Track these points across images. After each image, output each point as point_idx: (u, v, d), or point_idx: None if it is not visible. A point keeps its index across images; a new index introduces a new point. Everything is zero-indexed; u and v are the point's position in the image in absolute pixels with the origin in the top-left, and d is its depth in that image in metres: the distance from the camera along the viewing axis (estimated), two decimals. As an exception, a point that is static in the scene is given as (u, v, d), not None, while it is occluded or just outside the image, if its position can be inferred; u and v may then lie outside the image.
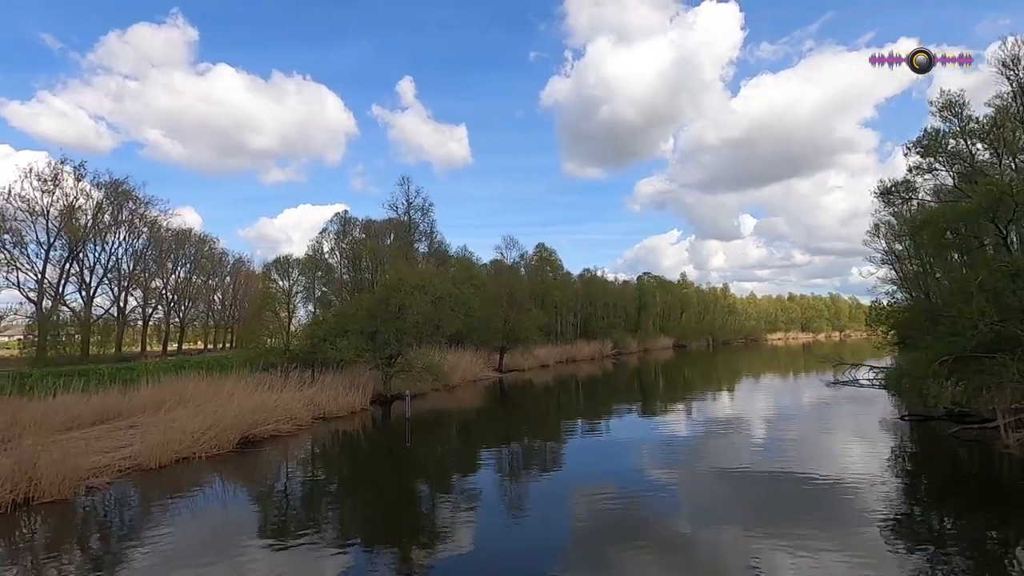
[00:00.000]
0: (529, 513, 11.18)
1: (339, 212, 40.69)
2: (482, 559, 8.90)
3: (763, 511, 10.81)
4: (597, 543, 9.20)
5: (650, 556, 8.76)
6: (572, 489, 12.61)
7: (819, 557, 8.53)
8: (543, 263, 62.74)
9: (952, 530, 9.95)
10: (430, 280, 23.64)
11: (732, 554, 8.96)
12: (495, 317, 40.67)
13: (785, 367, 55.90)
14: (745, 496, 11.83)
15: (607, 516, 10.62)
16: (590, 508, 11.31)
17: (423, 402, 26.78)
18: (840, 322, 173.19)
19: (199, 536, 10.08)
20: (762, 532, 9.60)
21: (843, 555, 8.58)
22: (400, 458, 17.08)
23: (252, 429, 16.91)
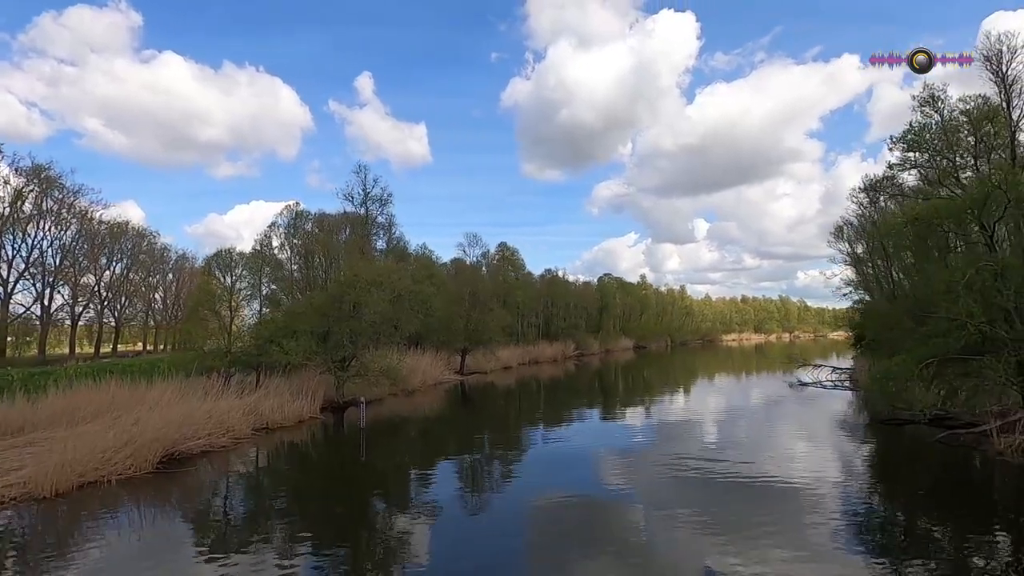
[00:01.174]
0: (488, 524, 10.68)
1: (290, 205, 38.01)
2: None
3: (744, 523, 10.03)
4: (556, 550, 9.06)
5: (609, 559, 8.61)
6: (532, 496, 12.16)
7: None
8: (505, 262, 61.33)
9: (963, 550, 8.98)
10: (388, 276, 21.73)
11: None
12: (456, 317, 38.92)
13: (745, 368, 56.34)
14: (722, 505, 11.12)
15: (567, 523, 10.36)
16: (550, 515, 10.98)
17: (380, 408, 24.81)
18: (790, 323, 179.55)
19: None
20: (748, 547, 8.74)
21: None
22: (354, 472, 15.26)
23: (179, 444, 14.63)
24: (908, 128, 17.34)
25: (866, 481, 13.52)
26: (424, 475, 14.90)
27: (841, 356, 53.12)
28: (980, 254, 16.17)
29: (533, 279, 67.92)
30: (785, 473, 13.47)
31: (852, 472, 14.22)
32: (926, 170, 17.26)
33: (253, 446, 17.03)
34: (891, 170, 18.64)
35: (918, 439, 17.38)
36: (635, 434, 19.44)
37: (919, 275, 17.46)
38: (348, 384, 23.24)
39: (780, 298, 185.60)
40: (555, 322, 66.39)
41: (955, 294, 15.35)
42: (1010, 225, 15.49)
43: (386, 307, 22.65)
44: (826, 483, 12.60)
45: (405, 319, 23.67)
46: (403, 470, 15.58)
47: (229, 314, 24.79)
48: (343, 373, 22.29)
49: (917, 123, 17.47)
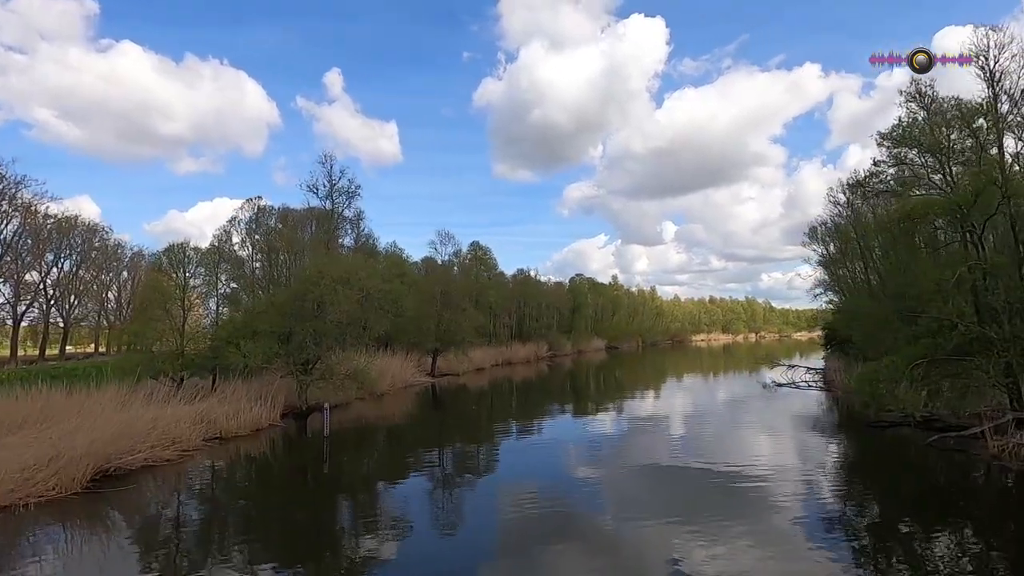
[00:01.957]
0: (459, 530, 10.37)
1: (252, 199, 36.02)
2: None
3: (718, 525, 9.87)
4: (526, 553, 8.95)
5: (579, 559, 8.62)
6: (504, 501, 11.91)
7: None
8: (477, 262, 60.12)
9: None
10: (355, 273, 20.32)
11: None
12: (428, 317, 37.54)
13: (718, 368, 56.44)
14: (698, 508, 10.96)
15: (538, 525, 10.17)
16: (521, 518, 10.73)
17: (346, 413, 23.37)
18: (756, 324, 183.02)
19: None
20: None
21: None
22: (316, 483, 13.99)
23: (115, 459, 13.02)
24: (896, 123, 16.94)
25: (854, 485, 13.03)
26: (392, 483, 13.95)
27: (805, 356, 53.76)
28: (968, 252, 15.79)
29: (505, 279, 66.91)
30: (765, 475, 13.17)
31: (836, 474, 13.81)
32: (913, 167, 16.86)
33: (204, 458, 15.45)
34: (876, 167, 18.24)
35: (904, 442, 16.99)
36: (608, 438, 18.67)
37: (906, 274, 17.06)
38: (312, 388, 21.73)
39: (746, 299, 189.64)
40: (528, 323, 65.51)
41: (945, 293, 14.93)
42: (998, 223, 15.13)
43: (354, 306, 21.23)
44: (807, 486, 12.32)
45: (374, 319, 22.25)
46: (370, 479, 14.48)
47: (182, 313, 23.00)
48: (306, 377, 20.79)
49: (906, 118, 17.07)
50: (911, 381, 15.53)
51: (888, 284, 19.78)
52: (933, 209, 13.89)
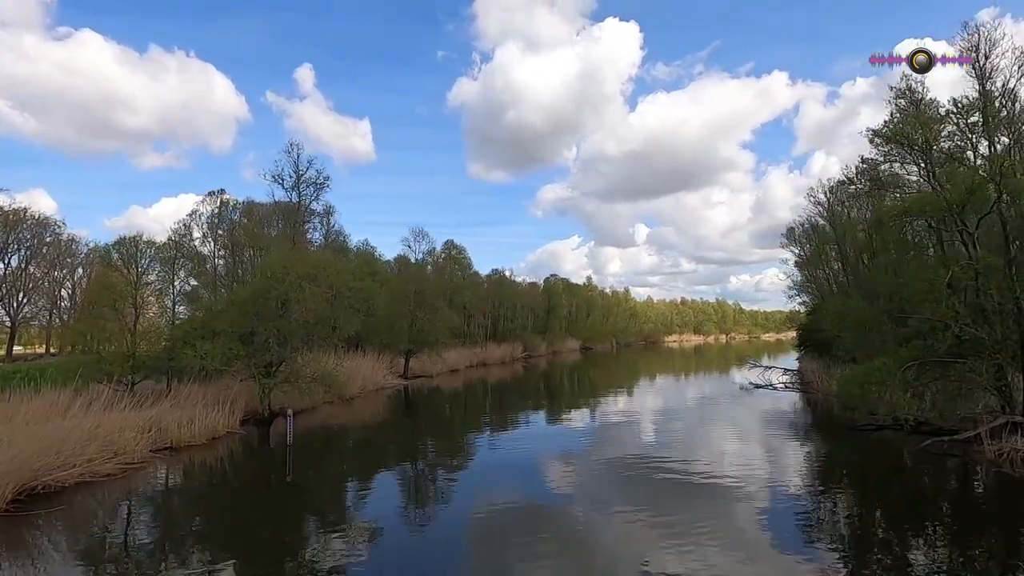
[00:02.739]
0: (430, 538, 9.95)
1: (214, 192, 34.14)
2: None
3: (701, 528, 9.75)
4: (498, 559, 8.75)
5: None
6: (476, 505, 11.62)
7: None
8: (452, 261, 58.92)
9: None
10: (323, 270, 19.00)
11: None
12: (401, 317, 36.22)
13: (693, 369, 56.41)
14: (682, 514, 10.63)
15: (511, 531, 9.91)
16: (494, 524, 10.46)
17: (313, 418, 22.01)
18: (726, 325, 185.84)
19: None
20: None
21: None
22: (279, 494, 12.76)
23: (44, 475, 11.53)
24: (888, 119, 16.49)
25: (842, 489, 12.56)
26: (362, 490, 13.08)
27: (775, 357, 54.16)
28: (960, 252, 15.42)
29: (480, 279, 65.86)
30: (749, 480, 12.78)
31: (827, 479, 13.32)
32: (905, 164, 16.46)
33: (151, 471, 13.98)
34: (864, 164, 17.83)
35: (890, 445, 16.60)
36: (584, 440, 18.08)
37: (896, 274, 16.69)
38: (276, 393, 20.34)
39: (717, 301, 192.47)
40: (503, 323, 64.53)
41: (939, 294, 14.50)
42: (992, 222, 14.77)
43: (322, 305, 19.90)
44: (794, 492, 11.99)
45: (345, 319, 20.96)
46: (338, 487, 13.40)
47: (133, 312, 21.31)
48: (269, 380, 19.38)
49: (896, 114, 16.64)
50: (902, 384, 15.09)
51: (878, 284, 19.43)
52: (930, 206, 13.42)
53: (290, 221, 24.68)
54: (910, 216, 14.17)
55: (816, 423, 22.17)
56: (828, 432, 19.93)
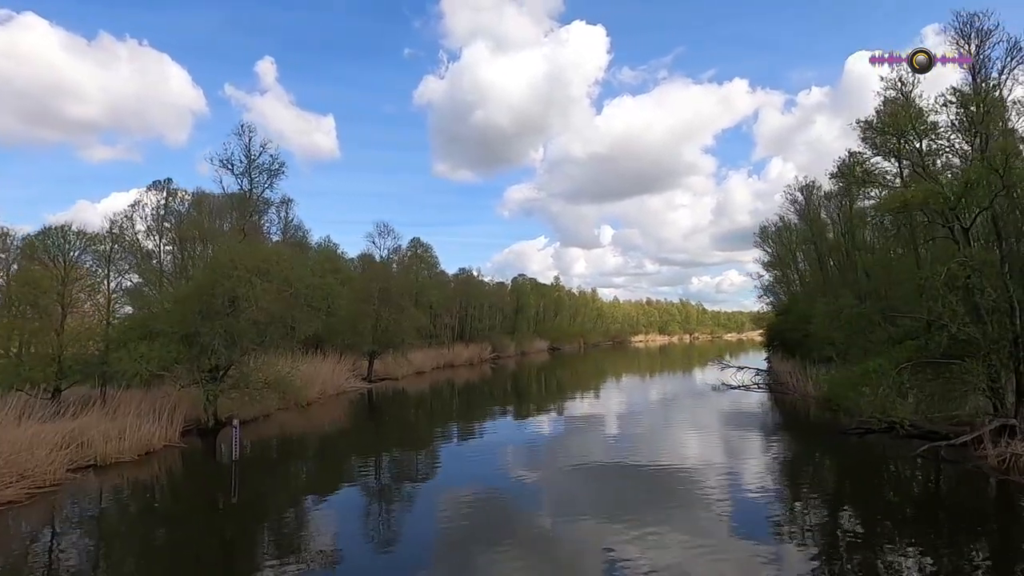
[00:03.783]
0: (395, 547, 9.52)
1: (160, 182, 31.51)
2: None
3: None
4: (466, 566, 8.44)
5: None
6: (443, 509, 11.38)
7: None
8: (418, 259, 56.94)
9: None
10: (276, 264, 17.18)
11: None
12: (364, 317, 34.33)
13: (662, 368, 56.17)
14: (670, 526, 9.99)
15: (478, 535, 9.66)
16: (461, 529, 10.16)
17: (266, 428, 20.15)
18: (690, 325, 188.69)
19: None
20: None
21: None
22: (222, 521, 11.06)
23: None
24: (880, 110, 15.83)
25: (838, 498, 11.50)
26: (318, 511, 11.63)
27: (736, 356, 54.42)
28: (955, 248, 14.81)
29: (447, 278, 64.24)
30: (742, 490, 12.09)
31: (819, 489, 12.34)
32: (893, 157, 15.82)
33: (65, 496, 11.98)
34: (851, 158, 17.17)
35: (878, 450, 15.99)
36: (561, 451, 16.67)
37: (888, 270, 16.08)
38: (224, 399, 18.40)
39: (680, 301, 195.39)
40: (471, 323, 63.04)
41: (935, 291, 13.83)
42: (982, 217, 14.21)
43: (277, 303, 18.07)
44: (790, 502, 11.48)
45: (303, 319, 19.17)
46: (291, 508, 11.78)
47: (61, 311, 19.03)
48: (215, 386, 17.45)
49: (882, 107, 16.00)
50: (896, 386, 14.37)
51: (869, 282, 18.90)
52: (933, 198, 12.69)
53: (242, 211, 22.40)
54: (910, 209, 13.44)
55: (799, 426, 21.60)
56: (813, 436, 19.32)
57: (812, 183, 28.97)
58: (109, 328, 19.99)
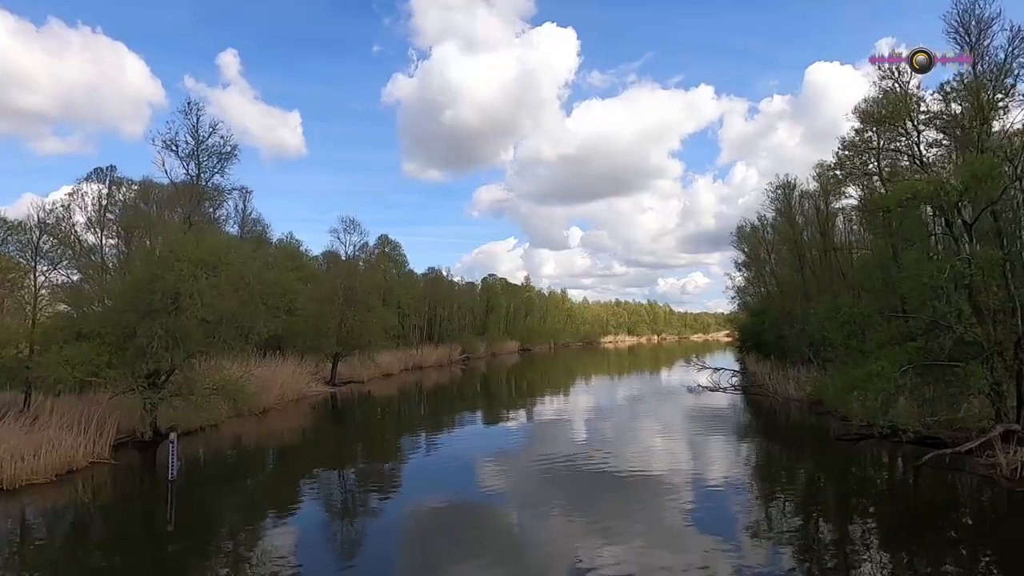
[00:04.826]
0: (357, 563, 8.92)
1: (102, 169, 28.94)
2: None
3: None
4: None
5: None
6: (409, 518, 10.97)
7: None
8: (385, 257, 54.81)
9: None
10: (225, 256, 15.33)
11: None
12: (328, 316, 32.36)
13: (634, 369, 55.64)
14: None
15: (445, 542, 9.43)
16: (428, 537, 9.85)
17: (215, 439, 18.22)
18: (658, 326, 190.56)
19: None
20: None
21: None
22: (153, 556, 9.23)
23: None
24: (878, 98, 15.05)
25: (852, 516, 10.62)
26: (270, 538, 9.94)
27: (703, 356, 54.42)
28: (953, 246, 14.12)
29: (416, 278, 62.38)
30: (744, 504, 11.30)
31: (823, 502, 11.31)
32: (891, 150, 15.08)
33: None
34: (845, 150, 16.39)
35: (880, 458, 15.22)
36: (539, 466, 15.34)
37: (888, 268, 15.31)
38: (166, 408, 16.46)
39: (649, 303, 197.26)
40: (440, 324, 61.32)
41: (940, 290, 13.06)
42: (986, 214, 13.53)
43: (227, 300, 16.21)
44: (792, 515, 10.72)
45: (255, 317, 17.33)
46: (238, 535, 10.20)
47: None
48: (154, 393, 15.50)
49: (884, 97, 15.22)
50: (898, 390, 13.57)
51: (850, 280, 18.20)
52: (945, 189, 11.87)
53: (190, 199, 20.09)
54: (918, 200, 12.62)
55: (787, 432, 20.85)
56: (805, 442, 18.50)
57: (793, 181, 28.54)
58: (35, 328, 17.77)
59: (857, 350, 14.43)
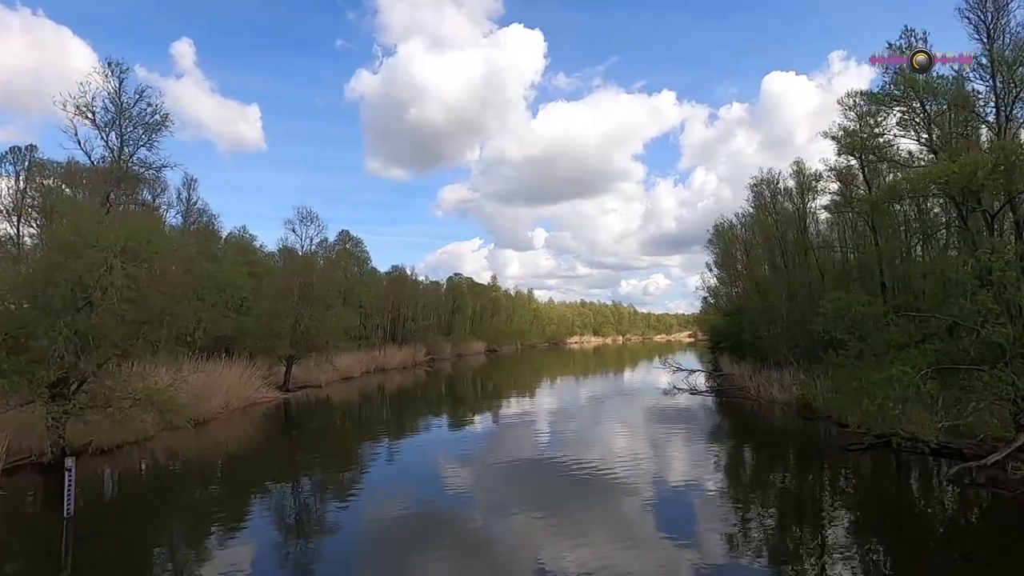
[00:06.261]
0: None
1: (19, 148, 25.72)
2: None
3: None
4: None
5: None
6: (368, 533, 10.36)
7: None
8: (346, 254, 51.86)
9: None
10: (148, 242, 12.86)
11: None
12: (282, 315, 29.69)
13: (603, 369, 54.56)
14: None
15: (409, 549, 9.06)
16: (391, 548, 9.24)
17: (137, 458, 15.66)
18: (622, 327, 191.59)
19: None
20: None
21: None
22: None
23: None
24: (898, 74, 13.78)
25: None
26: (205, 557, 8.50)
27: (664, 356, 53.90)
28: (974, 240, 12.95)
29: (379, 276, 59.68)
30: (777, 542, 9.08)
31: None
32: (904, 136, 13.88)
33: None
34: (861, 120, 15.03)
35: (899, 469, 14.01)
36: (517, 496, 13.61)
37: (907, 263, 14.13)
38: (77, 422, 13.85)
39: (613, 303, 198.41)
40: (405, 324, 58.83)
41: (964, 287, 11.85)
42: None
43: (153, 294, 13.75)
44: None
45: (190, 315, 14.87)
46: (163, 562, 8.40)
47: None
48: (58, 406, 12.90)
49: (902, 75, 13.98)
50: (917, 396, 12.29)
51: (829, 279, 16.99)
52: (977, 175, 10.59)
53: (113, 176, 16.97)
54: (952, 186, 11.34)
55: (783, 440, 19.58)
56: (808, 452, 17.23)
57: (776, 175, 27.64)
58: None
59: (870, 351, 13.11)
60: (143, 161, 16.49)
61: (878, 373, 12.09)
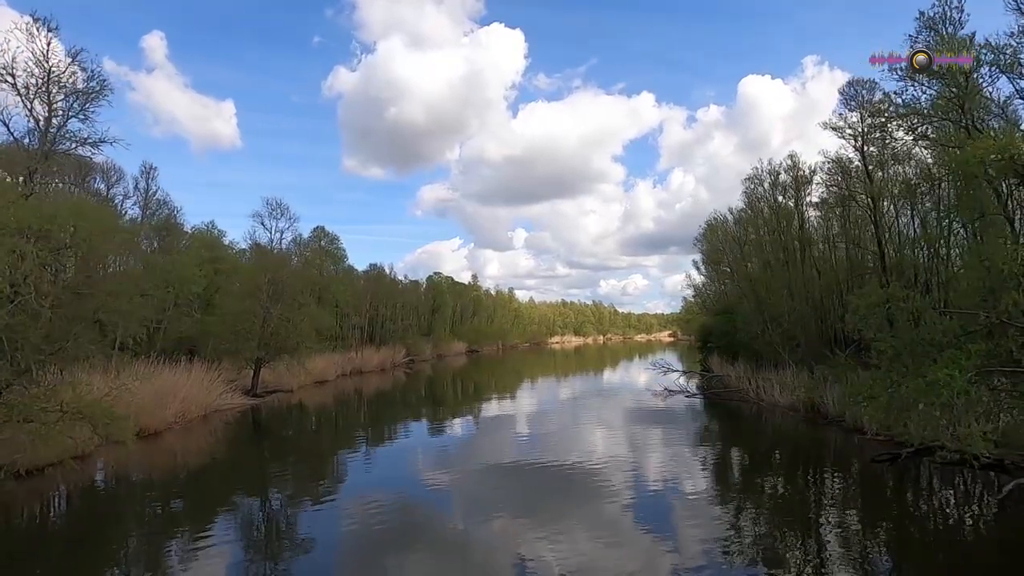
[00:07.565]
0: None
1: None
2: None
3: None
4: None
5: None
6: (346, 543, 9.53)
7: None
8: (322, 251, 49.51)
9: None
10: (70, 226, 10.76)
11: None
12: (249, 315, 27.49)
13: (589, 369, 53.20)
14: None
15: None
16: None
17: (74, 477, 13.50)
18: (603, 327, 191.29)
19: None
20: None
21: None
22: None
23: None
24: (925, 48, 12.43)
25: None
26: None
27: (645, 356, 52.67)
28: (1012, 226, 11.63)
29: (356, 274, 57.35)
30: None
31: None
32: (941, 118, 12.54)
33: None
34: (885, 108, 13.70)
35: (942, 486, 12.65)
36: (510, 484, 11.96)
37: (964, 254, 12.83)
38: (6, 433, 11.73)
39: (594, 303, 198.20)
40: (384, 324, 56.69)
41: (1018, 280, 10.51)
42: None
43: (88, 288, 11.69)
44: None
45: (131, 313, 12.82)
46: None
47: None
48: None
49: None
50: (967, 403, 10.92)
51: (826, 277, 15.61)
52: None
53: (40, 149, 14.48)
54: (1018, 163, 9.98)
55: (793, 447, 18.23)
56: (827, 462, 15.84)
57: (777, 167, 26.48)
58: None
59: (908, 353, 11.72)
60: (75, 135, 14.26)
61: (926, 376, 10.68)
